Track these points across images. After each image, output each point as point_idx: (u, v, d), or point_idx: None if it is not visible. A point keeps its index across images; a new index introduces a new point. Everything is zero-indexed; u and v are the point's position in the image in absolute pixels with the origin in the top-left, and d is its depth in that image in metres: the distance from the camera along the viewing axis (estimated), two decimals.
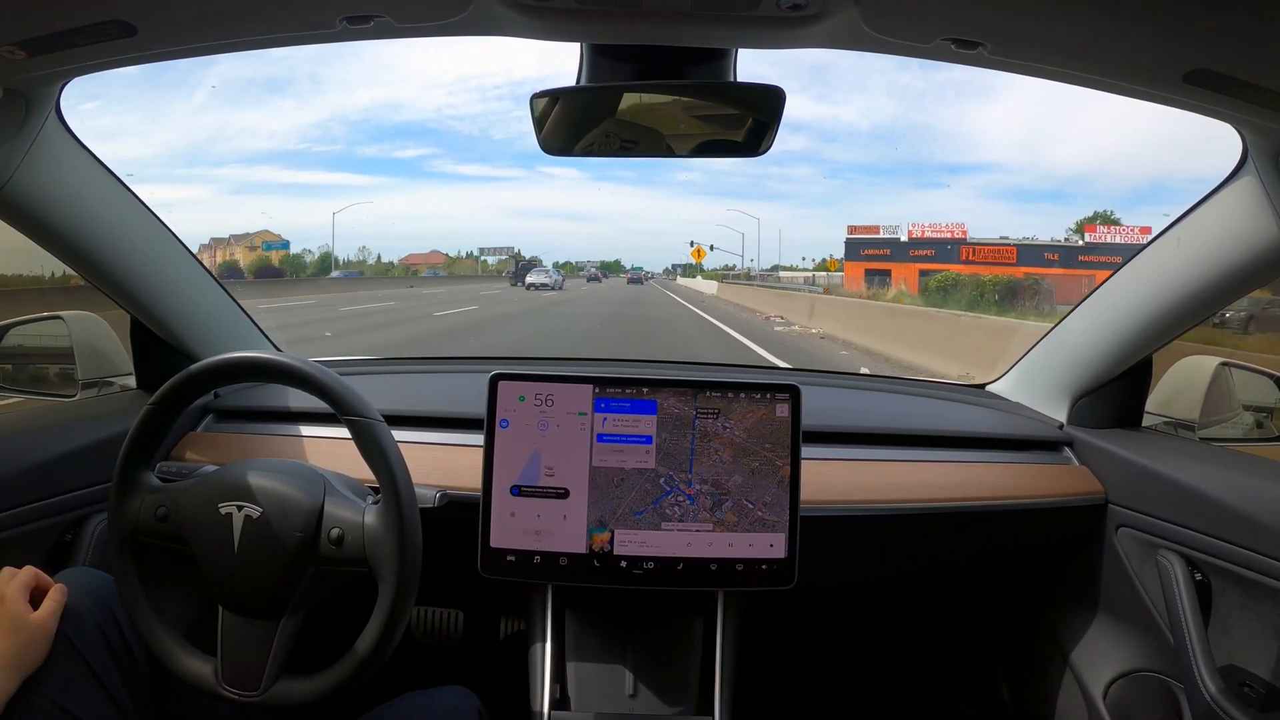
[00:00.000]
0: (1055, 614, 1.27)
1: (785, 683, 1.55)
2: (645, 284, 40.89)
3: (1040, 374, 1.35)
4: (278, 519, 0.81)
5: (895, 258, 29.50)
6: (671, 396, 0.99)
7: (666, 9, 0.72)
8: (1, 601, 0.76)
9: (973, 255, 28.63)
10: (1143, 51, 0.71)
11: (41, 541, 1.01)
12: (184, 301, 1.24)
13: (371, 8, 0.72)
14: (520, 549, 0.98)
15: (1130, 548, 1.13)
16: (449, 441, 1.15)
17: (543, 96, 0.88)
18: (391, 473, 0.81)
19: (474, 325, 12.64)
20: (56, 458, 1.03)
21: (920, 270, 27.69)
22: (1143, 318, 1.12)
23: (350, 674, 0.80)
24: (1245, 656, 1.00)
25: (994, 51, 0.73)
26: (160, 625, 0.84)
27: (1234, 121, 0.84)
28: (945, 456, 1.21)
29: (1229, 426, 1.29)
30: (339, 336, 10.18)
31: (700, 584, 0.99)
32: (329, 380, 0.84)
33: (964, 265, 27.37)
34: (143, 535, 0.84)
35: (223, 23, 0.76)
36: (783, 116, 0.87)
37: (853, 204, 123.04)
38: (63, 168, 0.98)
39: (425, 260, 60.85)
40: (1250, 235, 0.94)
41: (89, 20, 0.71)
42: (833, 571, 1.21)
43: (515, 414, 0.99)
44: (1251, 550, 0.96)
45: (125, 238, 1.12)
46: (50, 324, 1.32)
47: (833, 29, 0.72)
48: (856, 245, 31.47)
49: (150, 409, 0.86)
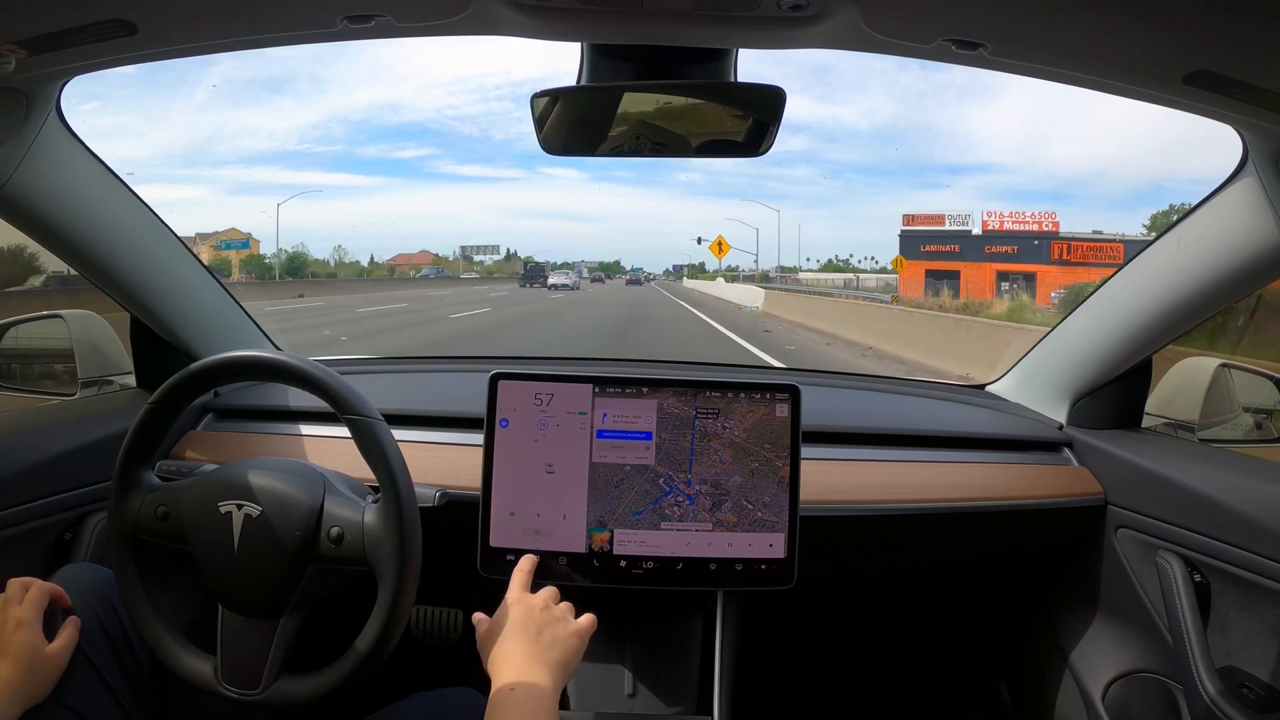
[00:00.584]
0: (1054, 614, 1.27)
1: (784, 683, 1.55)
2: (645, 285, 40.19)
3: (1040, 375, 1.35)
4: (277, 518, 0.81)
5: (966, 255, 23.71)
6: (671, 396, 0.99)
7: (667, 9, 0.72)
8: (19, 626, 0.75)
9: (1067, 253, 22.58)
10: (1143, 52, 0.71)
11: (41, 540, 1.02)
12: (184, 300, 1.24)
13: (372, 7, 0.72)
14: (520, 548, 0.98)
15: (1129, 549, 1.13)
16: (449, 441, 1.15)
17: (543, 96, 0.88)
18: (391, 472, 0.81)
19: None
20: (56, 456, 1.03)
21: (997, 271, 22.16)
22: (1143, 319, 1.12)
23: (349, 673, 0.80)
24: (1244, 658, 1.00)
25: (994, 52, 0.73)
26: (160, 623, 0.84)
27: (1234, 123, 0.84)
28: (945, 457, 1.21)
29: (1229, 428, 1.29)
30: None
31: (700, 584, 0.99)
32: (329, 379, 0.84)
33: (1056, 266, 21.79)
34: (143, 534, 0.84)
35: (223, 22, 0.76)
36: (783, 117, 0.87)
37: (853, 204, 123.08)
38: (63, 166, 0.98)
39: (412, 261, 58.75)
40: (1250, 237, 0.94)
41: (89, 19, 0.70)
42: (832, 572, 1.21)
43: (515, 413, 0.99)
44: (1251, 552, 0.96)
45: (125, 237, 1.12)
46: (50, 323, 1.32)
47: (833, 29, 0.72)
48: (914, 240, 24.90)
49: (151, 407, 0.86)
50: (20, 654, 0.73)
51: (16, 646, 0.74)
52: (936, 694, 1.57)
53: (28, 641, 0.74)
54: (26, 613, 0.76)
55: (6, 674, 0.73)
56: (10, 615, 0.76)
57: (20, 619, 0.75)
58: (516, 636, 0.78)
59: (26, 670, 0.73)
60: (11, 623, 0.75)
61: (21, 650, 0.74)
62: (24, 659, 0.73)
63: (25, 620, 0.75)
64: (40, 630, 0.76)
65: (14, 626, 0.75)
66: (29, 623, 0.75)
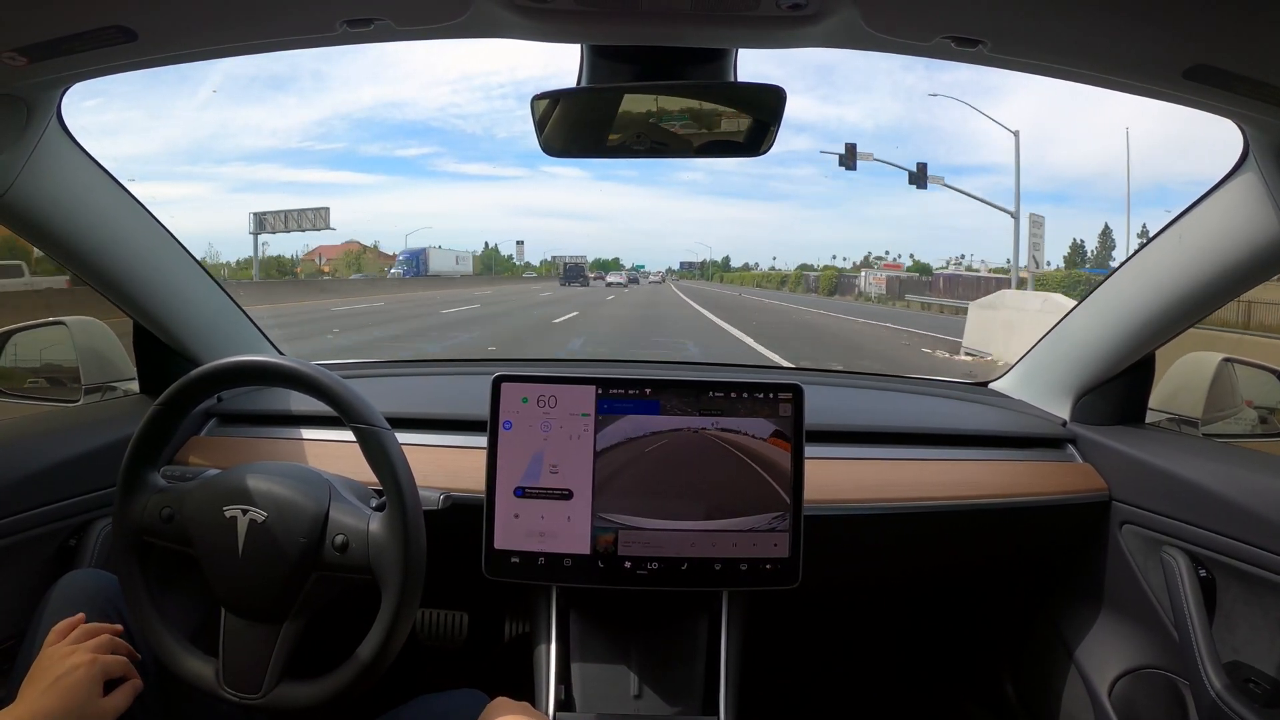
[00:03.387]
0: (1059, 611, 1.26)
1: (790, 682, 1.55)
2: (641, 285, 39.00)
3: (1043, 371, 1.35)
4: (282, 524, 0.81)
5: None
6: (674, 397, 0.99)
7: (666, 9, 0.72)
8: (78, 668, 0.74)
9: None
10: (1143, 48, 0.71)
11: (46, 546, 1.02)
12: (187, 306, 1.24)
13: (371, 11, 0.72)
14: (524, 550, 0.98)
15: (1134, 544, 1.13)
16: (452, 443, 1.15)
17: (543, 98, 0.88)
18: (397, 481, 0.81)
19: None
20: (60, 463, 1.03)
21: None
22: (1145, 314, 1.12)
23: (351, 680, 0.80)
24: (1250, 652, 1.00)
25: (994, 49, 0.73)
26: (162, 626, 0.84)
27: (1235, 117, 0.84)
28: (948, 455, 1.21)
29: (1232, 422, 1.29)
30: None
31: (704, 584, 0.99)
32: (335, 386, 0.84)
33: None
34: (148, 536, 0.84)
35: (223, 27, 0.76)
36: (784, 116, 0.87)
37: (855, 205, 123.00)
38: (64, 173, 0.98)
39: (341, 251, 46.96)
40: (1252, 231, 0.94)
41: (90, 26, 0.71)
42: (836, 571, 1.21)
43: (518, 415, 0.99)
44: (1256, 546, 0.95)
45: (127, 242, 1.12)
46: (53, 330, 1.32)
47: (833, 28, 0.72)
48: None
49: (156, 410, 0.86)
50: (71, 695, 0.73)
51: (70, 687, 0.73)
52: (942, 692, 1.57)
53: (82, 684, 0.74)
54: (87, 657, 0.75)
55: (50, 706, 0.72)
56: (74, 654, 0.76)
57: (80, 662, 0.75)
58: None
59: (72, 715, 0.72)
60: (71, 663, 0.75)
61: (73, 691, 0.73)
62: (74, 702, 0.73)
63: (84, 664, 0.75)
64: (99, 680, 0.75)
65: (72, 666, 0.74)
66: (87, 666, 0.75)
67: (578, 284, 31.50)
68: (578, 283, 32.13)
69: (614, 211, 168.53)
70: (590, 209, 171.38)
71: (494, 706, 0.80)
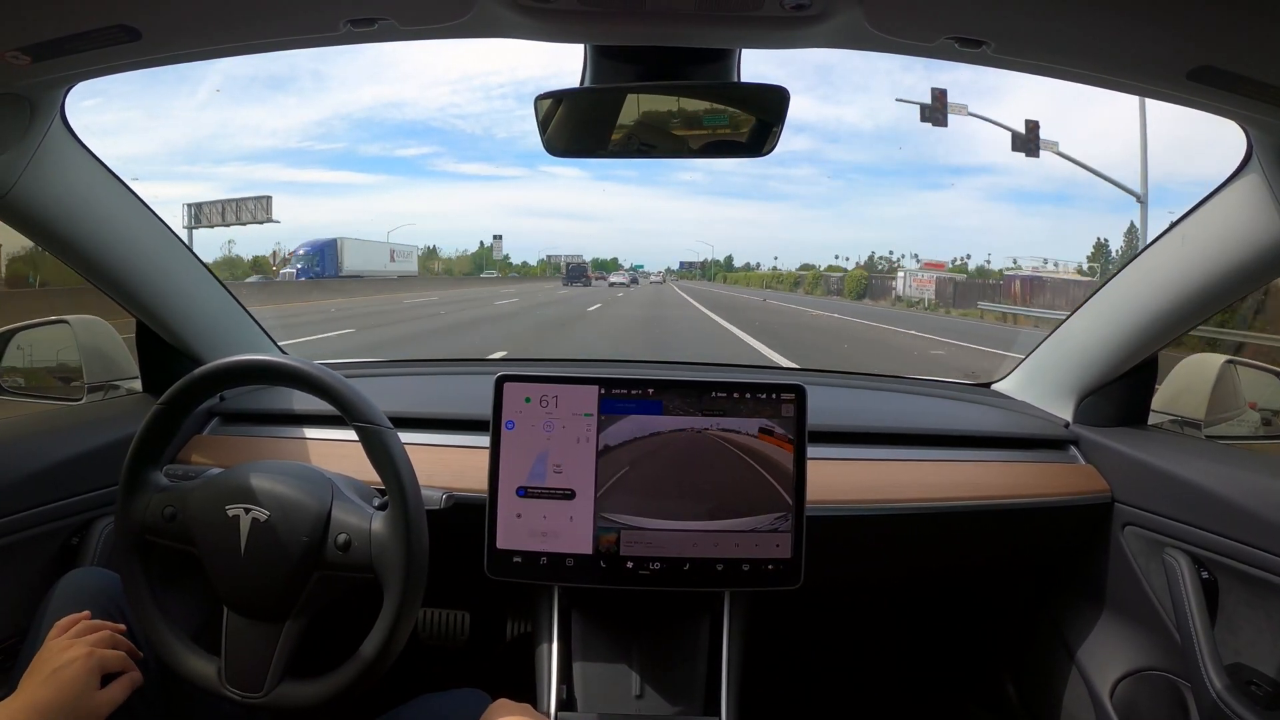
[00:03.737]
0: (1061, 613, 1.26)
1: (792, 683, 1.55)
2: (641, 285, 38.72)
3: (1046, 373, 1.35)
4: (285, 523, 0.81)
5: None
6: (677, 397, 0.99)
7: (670, 10, 0.72)
8: (75, 660, 0.74)
9: None
10: (1147, 48, 0.71)
11: (49, 545, 1.02)
12: (190, 305, 1.24)
13: (375, 11, 0.72)
14: (526, 550, 0.98)
15: (1136, 546, 1.13)
16: (455, 443, 1.15)
17: (547, 98, 0.88)
18: (400, 481, 0.81)
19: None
20: (63, 461, 1.03)
21: None
22: (1148, 316, 1.12)
23: (353, 679, 0.80)
24: (1252, 655, 0.99)
25: (997, 50, 0.73)
26: (164, 624, 0.84)
27: (1238, 118, 0.84)
28: (950, 456, 1.21)
29: (1235, 424, 1.29)
30: None
31: (706, 584, 0.99)
32: (337, 385, 0.84)
33: None
34: (150, 534, 0.85)
35: (226, 26, 0.76)
36: (787, 116, 0.87)
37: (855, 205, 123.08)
38: (68, 172, 0.98)
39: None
40: (1255, 232, 0.94)
41: (93, 25, 0.71)
42: (838, 572, 1.21)
43: (521, 415, 0.99)
44: (1258, 548, 0.95)
45: (130, 242, 1.12)
46: (56, 329, 1.32)
47: (836, 28, 0.72)
48: None
49: (159, 408, 0.86)
50: (68, 687, 0.73)
51: (67, 680, 0.73)
52: (944, 693, 1.57)
53: (79, 676, 0.74)
54: (84, 650, 0.76)
55: (47, 698, 0.72)
56: (72, 647, 0.76)
57: (77, 655, 0.75)
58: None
59: (68, 706, 0.73)
60: (68, 655, 0.75)
61: (70, 683, 0.73)
62: (70, 693, 0.73)
63: (81, 656, 0.75)
64: (96, 673, 0.76)
65: (69, 659, 0.75)
66: (84, 659, 0.75)
67: (579, 284, 31.62)
68: (579, 283, 32.24)
69: (613, 211, 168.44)
70: (590, 209, 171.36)
71: (495, 708, 0.80)
